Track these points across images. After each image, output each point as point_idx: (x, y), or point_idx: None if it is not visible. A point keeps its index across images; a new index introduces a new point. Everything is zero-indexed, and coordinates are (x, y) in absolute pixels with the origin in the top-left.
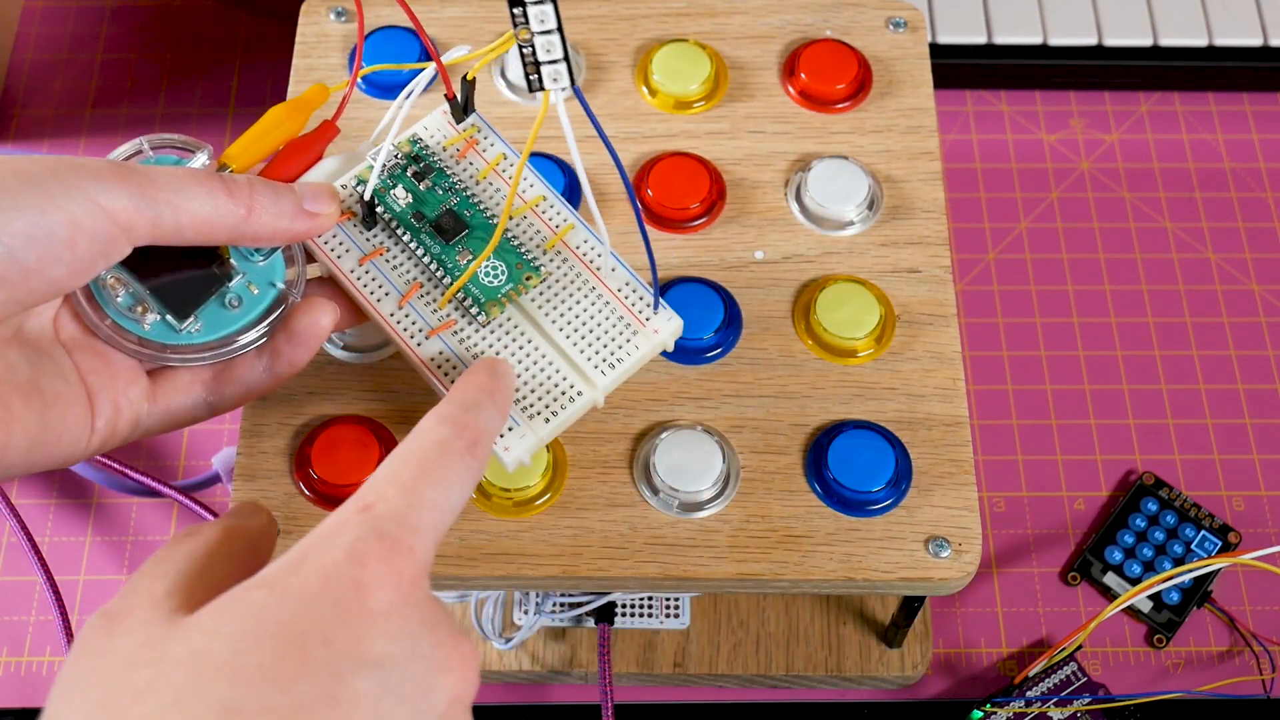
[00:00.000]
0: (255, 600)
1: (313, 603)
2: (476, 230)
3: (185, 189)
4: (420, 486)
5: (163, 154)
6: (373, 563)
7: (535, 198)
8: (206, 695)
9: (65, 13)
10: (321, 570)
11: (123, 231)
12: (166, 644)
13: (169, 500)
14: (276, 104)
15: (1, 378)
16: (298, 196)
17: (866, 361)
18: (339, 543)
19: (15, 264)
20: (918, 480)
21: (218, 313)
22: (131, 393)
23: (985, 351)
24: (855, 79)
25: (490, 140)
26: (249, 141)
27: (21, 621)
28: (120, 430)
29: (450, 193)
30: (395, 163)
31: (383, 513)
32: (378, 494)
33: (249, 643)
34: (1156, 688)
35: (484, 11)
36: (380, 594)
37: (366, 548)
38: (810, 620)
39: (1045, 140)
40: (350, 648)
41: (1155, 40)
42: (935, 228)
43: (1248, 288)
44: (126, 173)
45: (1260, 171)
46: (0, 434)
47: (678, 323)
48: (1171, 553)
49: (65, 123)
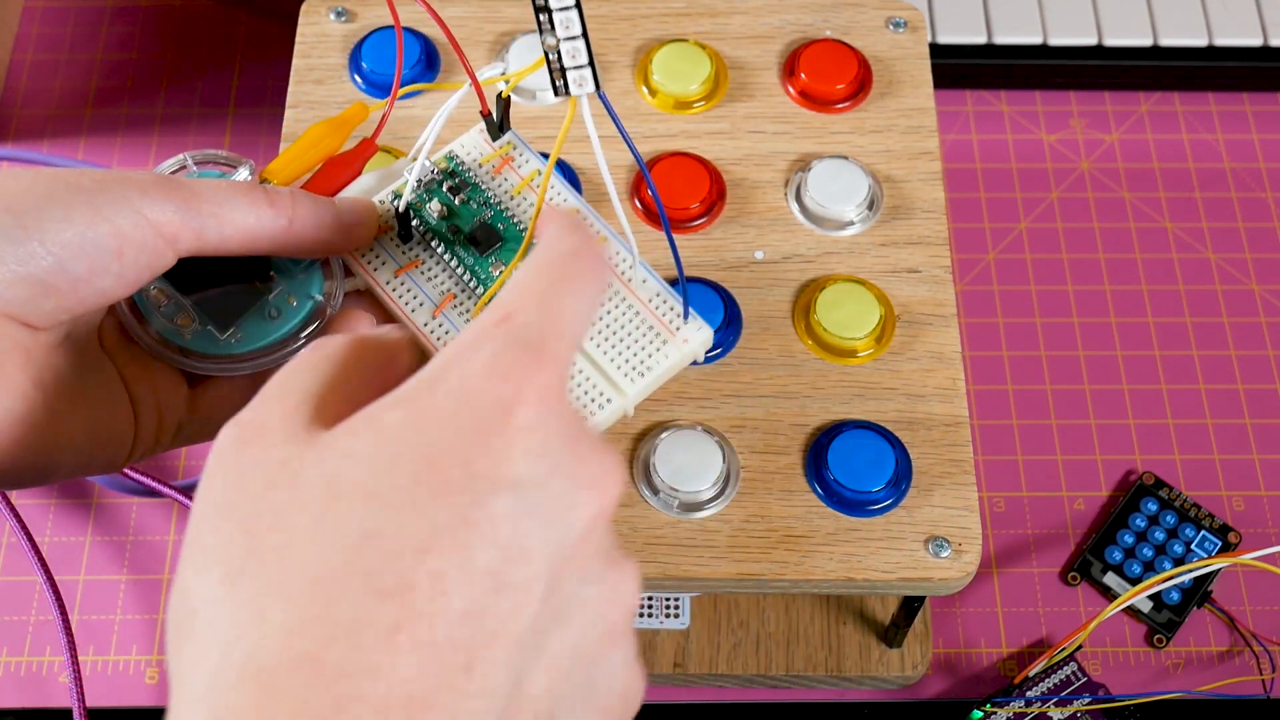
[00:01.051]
0: (391, 421)
1: (451, 423)
2: (510, 242)
3: (228, 201)
4: (556, 295)
5: (206, 169)
6: (515, 376)
7: (570, 210)
8: (343, 521)
9: (65, 13)
10: (460, 387)
11: (168, 243)
12: (303, 463)
13: (169, 500)
14: (317, 122)
15: (49, 383)
16: (338, 210)
17: (866, 361)
18: (479, 357)
19: (65, 274)
20: (918, 480)
21: (257, 324)
22: (174, 401)
23: (985, 351)
24: (855, 79)
25: (525, 157)
26: (290, 158)
27: (21, 621)
28: (163, 438)
29: (485, 206)
30: (431, 178)
31: (522, 322)
32: (515, 304)
33: (386, 466)
34: (1156, 688)
35: (484, 11)
36: (523, 410)
37: (508, 361)
38: (810, 620)
39: (1045, 140)
40: (489, 469)
41: (1155, 40)
42: (935, 228)
43: (1248, 288)
44: (172, 186)
45: (1260, 171)
46: (49, 437)
47: (707, 332)
48: (1171, 553)
49: (65, 123)
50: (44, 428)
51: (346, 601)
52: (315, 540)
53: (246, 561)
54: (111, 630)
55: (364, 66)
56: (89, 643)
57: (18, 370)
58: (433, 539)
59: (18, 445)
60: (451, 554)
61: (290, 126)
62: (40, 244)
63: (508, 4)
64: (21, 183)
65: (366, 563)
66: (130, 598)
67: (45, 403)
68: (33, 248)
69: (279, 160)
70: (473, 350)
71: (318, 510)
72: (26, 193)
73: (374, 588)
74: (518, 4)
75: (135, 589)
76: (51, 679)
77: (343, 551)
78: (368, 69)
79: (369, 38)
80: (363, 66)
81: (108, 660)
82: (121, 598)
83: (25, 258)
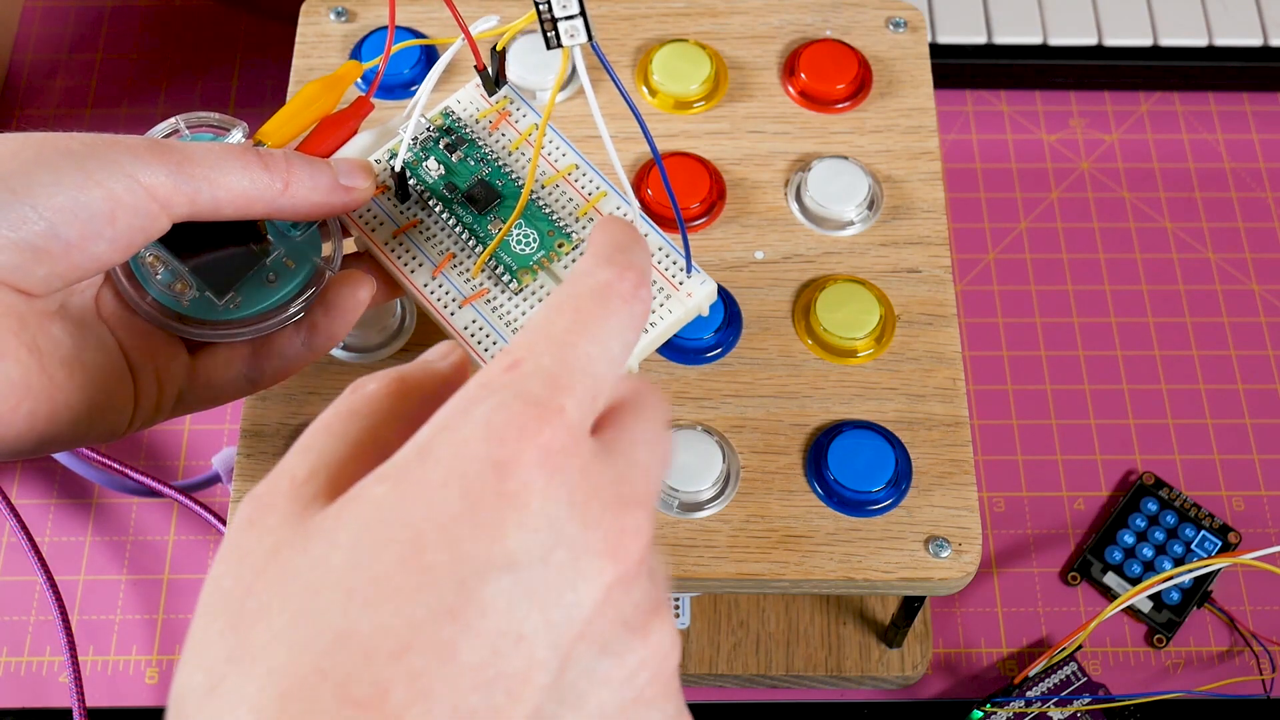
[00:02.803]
0: (374, 498)
1: (439, 497)
2: (509, 200)
3: (222, 164)
4: (575, 338)
5: (199, 132)
6: (512, 436)
7: (567, 166)
8: (319, 620)
9: (65, 13)
10: (452, 454)
11: (162, 207)
12: (291, 551)
13: (169, 500)
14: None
15: (47, 351)
16: (334, 170)
17: (866, 361)
18: (477, 414)
19: (57, 239)
20: (918, 480)
21: (256, 288)
22: (173, 368)
23: (985, 351)
24: (855, 79)
25: (523, 111)
26: (284, 119)
27: (21, 621)
28: (164, 405)
29: (482, 164)
30: (428, 135)
31: (530, 370)
32: (527, 347)
33: (367, 553)
34: (1156, 688)
35: (484, 12)
36: (519, 475)
37: (506, 418)
38: (810, 620)
39: (1045, 140)
40: (479, 548)
41: (1155, 40)
42: (935, 228)
43: (1248, 288)
44: (164, 150)
45: (1260, 171)
46: (46, 406)
47: (711, 286)
48: (1171, 553)
49: (65, 123)
50: (41, 395)
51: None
52: (288, 644)
53: (228, 667)
54: (111, 630)
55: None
56: (89, 643)
57: (12, 336)
58: (413, 636)
59: (14, 412)
60: (432, 651)
61: None
62: (31, 208)
63: (507, 4)
64: (9, 147)
65: (339, 669)
66: (130, 598)
67: (42, 369)
68: (24, 212)
69: (273, 121)
70: (473, 404)
71: (296, 607)
72: (13, 157)
73: (346, 697)
74: (518, 4)
75: (135, 589)
76: (51, 679)
77: (315, 657)
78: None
79: (369, 38)
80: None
81: (108, 660)
82: (121, 598)
83: (16, 222)
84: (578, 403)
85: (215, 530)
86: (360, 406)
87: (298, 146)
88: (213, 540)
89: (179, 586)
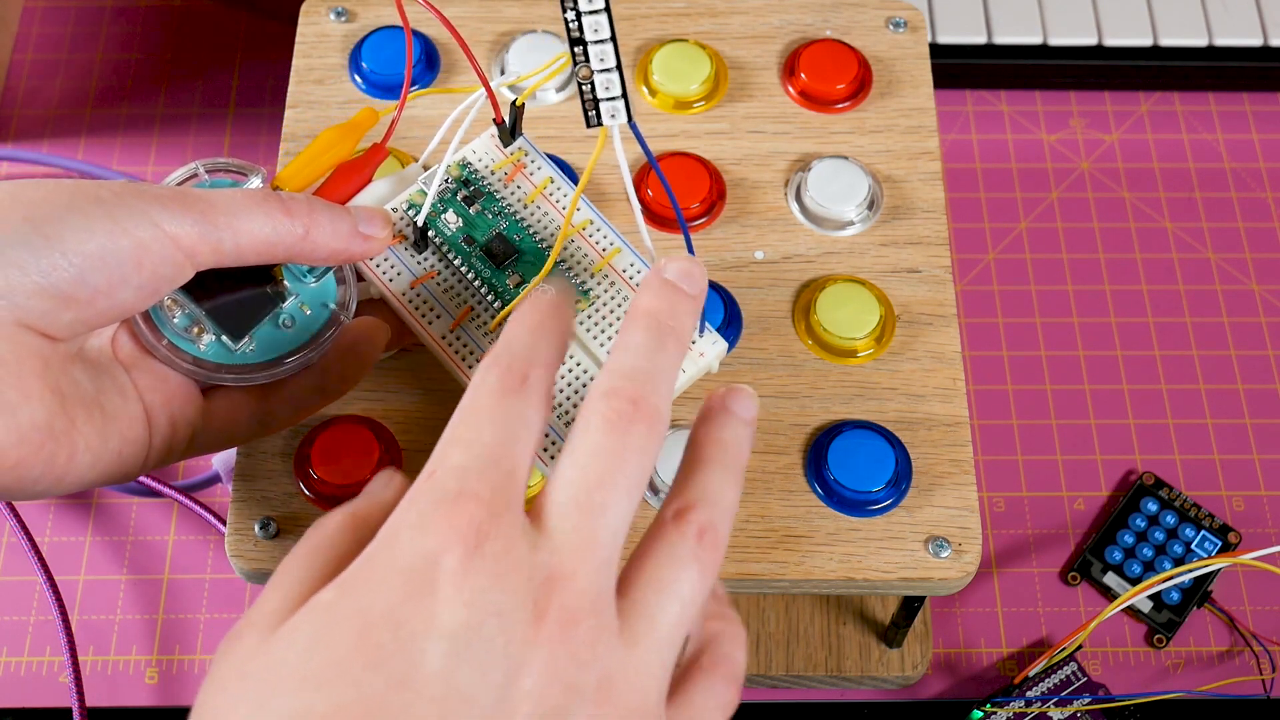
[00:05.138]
0: (326, 602)
1: (381, 590)
2: (526, 254)
3: (244, 212)
4: (474, 435)
5: (218, 178)
6: (434, 527)
7: (582, 221)
8: (275, 709)
9: (65, 13)
10: (391, 554)
11: (187, 256)
12: (254, 661)
13: (169, 500)
14: (326, 127)
15: (67, 393)
16: (354, 218)
17: (866, 361)
18: (407, 519)
19: (85, 286)
20: (918, 480)
21: (271, 333)
22: (187, 411)
23: (985, 351)
24: (855, 79)
25: (537, 164)
26: (301, 164)
27: (21, 621)
28: (176, 447)
29: (500, 217)
30: (446, 186)
31: (443, 471)
32: (439, 458)
33: (321, 645)
34: (1156, 688)
35: (484, 11)
36: (446, 559)
37: (430, 514)
38: (810, 620)
39: (1045, 140)
40: (419, 626)
41: (1155, 40)
42: (935, 228)
43: (1248, 288)
44: (189, 199)
45: (1260, 171)
46: (66, 448)
47: (722, 346)
48: (1171, 553)
49: (65, 123)
50: (63, 437)
51: None
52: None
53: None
54: (111, 630)
55: (364, 66)
56: (89, 643)
57: (36, 379)
58: (365, 709)
59: (37, 454)
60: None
61: (290, 126)
62: (62, 255)
63: (507, 4)
64: (40, 192)
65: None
66: (130, 598)
67: (64, 412)
68: (55, 259)
69: (290, 167)
70: (403, 513)
71: (255, 699)
72: (45, 202)
73: None
74: (518, 4)
75: (135, 589)
76: (51, 679)
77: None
78: (368, 69)
79: (369, 38)
80: (363, 66)
81: (107, 660)
82: (121, 598)
83: (48, 269)
84: (490, 484)
85: (215, 530)
86: (320, 543)
87: (315, 193)
88: (213, 540)
89: (179, 586)
